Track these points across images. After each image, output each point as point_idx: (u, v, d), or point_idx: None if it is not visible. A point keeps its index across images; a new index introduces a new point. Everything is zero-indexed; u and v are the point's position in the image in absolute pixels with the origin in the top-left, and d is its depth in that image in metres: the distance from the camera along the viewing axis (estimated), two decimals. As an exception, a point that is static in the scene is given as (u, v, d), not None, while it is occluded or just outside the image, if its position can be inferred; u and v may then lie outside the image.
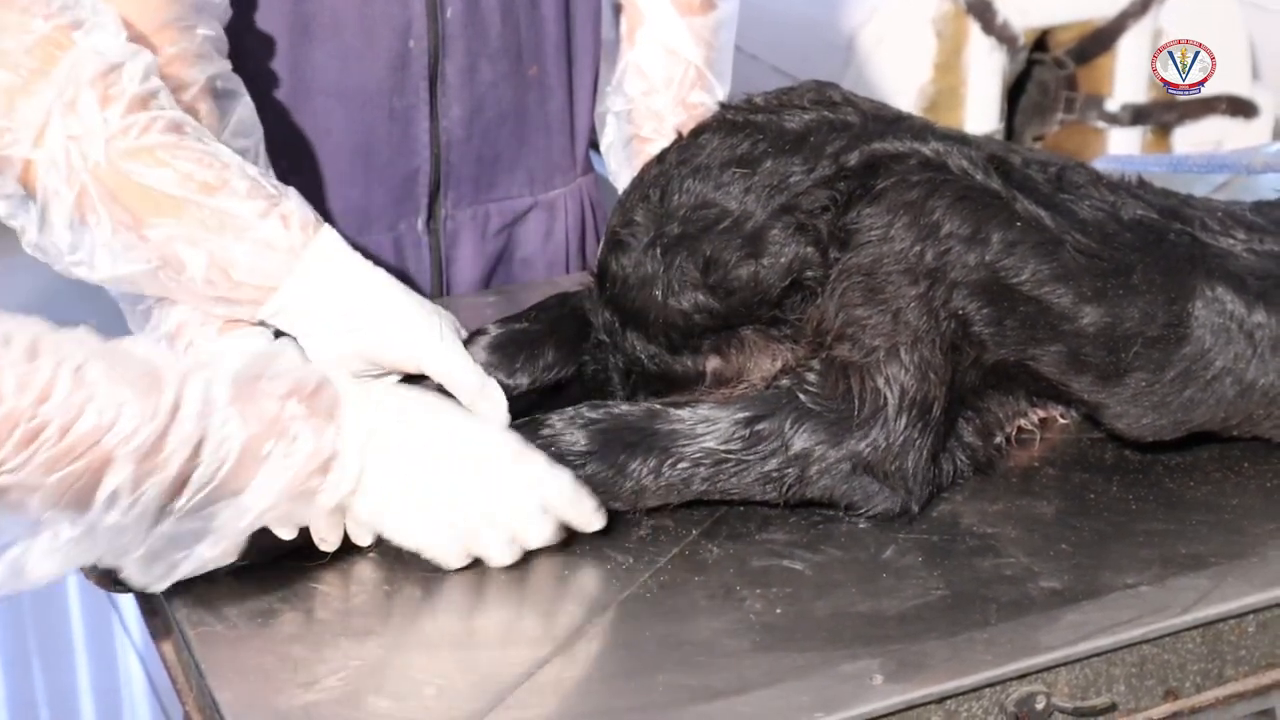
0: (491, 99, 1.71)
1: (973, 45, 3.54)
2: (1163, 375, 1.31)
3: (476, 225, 1.78)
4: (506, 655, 1.14)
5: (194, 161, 1.27)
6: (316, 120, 1.65)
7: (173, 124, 1.28)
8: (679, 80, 1.70)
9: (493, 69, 1.70)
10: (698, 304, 1.34)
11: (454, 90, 1.68)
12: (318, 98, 1.64)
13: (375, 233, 1.71)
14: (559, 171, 1.82)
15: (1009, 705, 1.14)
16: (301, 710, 1.09)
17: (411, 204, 1.73)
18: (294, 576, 1.22)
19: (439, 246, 1.76)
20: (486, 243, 1.79)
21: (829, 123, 1.35)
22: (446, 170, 1.72)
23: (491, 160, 1.75)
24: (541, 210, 1.82)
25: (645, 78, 1.71)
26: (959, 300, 1.28)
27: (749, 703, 1.09)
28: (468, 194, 1.75)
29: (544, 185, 1.81)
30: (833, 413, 1.28)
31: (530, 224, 1.81)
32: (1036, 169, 1.35)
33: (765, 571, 1.24)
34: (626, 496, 1.26)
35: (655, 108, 1.71)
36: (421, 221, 1.74)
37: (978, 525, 1.30)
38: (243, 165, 1.31)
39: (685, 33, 1.70)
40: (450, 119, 1.70)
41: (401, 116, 1.67)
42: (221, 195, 1.28)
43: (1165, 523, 1.30)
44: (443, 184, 1.73)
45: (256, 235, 1.29)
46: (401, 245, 1.74)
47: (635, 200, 1.38)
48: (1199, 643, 1.19)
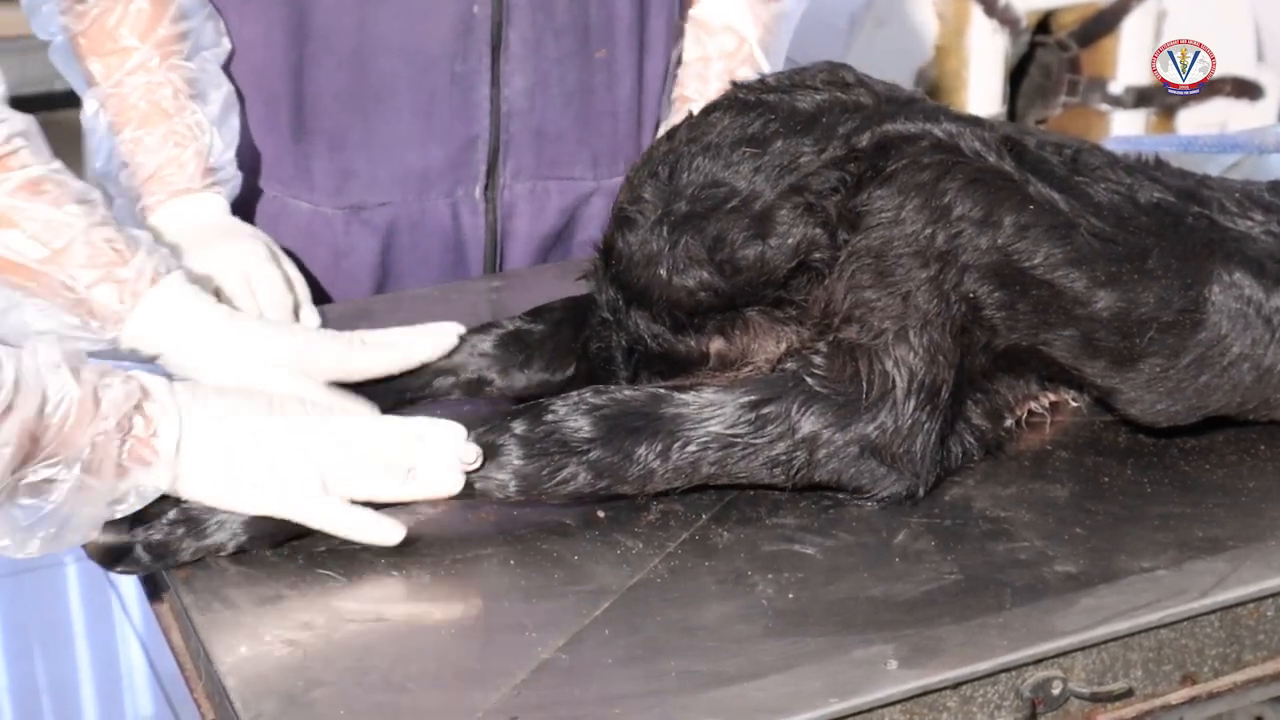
0: (556, 75, 1.72)
1: (975, 28, 3.54)
2: (1178, 361, 1.30)
3: (535, 200, 1.78)
4: (515, 641, 1.13)
5: (39, 225, 1.34)
6: (381, 79, 1.67)
7: (30, 183, 1.33)
8: (731, 53, 1.75)
9: (558, 45, 1.71)
10: (703, 282, 1.33)
11: (517, 60, 1.69)
12: (382, 57, 1.66)
13: (433, 196, 1.73)
14: (625, 158, 1.81)
15: (1024, 690, 1.13)
16: (310, 696, 1.08)
17: (470, 170, 1.73)
18: (301, 563, 1.21)
19: (495, 216, 1.76)
20: (545, 220, 1.79)
21: (841, 103, 1.34)
22: (506, 140, 1.73)
23: (554, 137, 1.75)
24: (604, 195, 1.81)
25: (701, 45, 1.76)
26: (970, 284, 1.27)
27: (762, 689, 1.08)
28: (528, 167, 1.76)
29: (609, 170, 1.81)
30: (840, 395, 1.27)
31: (593, 208, 1.81)
32: (1051, 151, 1.34)
33: (776, 556, 1.23)
34: (633, 481, 1.25)
35: (704, 72, 1.75)
36: (479, 189, 1.75)
37: (990, 509, 1.29)
38: (90, 228, 1.35)
39: (746, 12, 1.76)
40: (512, 89, 1.70)
41: (463, 81, 1.68)
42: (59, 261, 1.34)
43: (1181, 506, 1.29)
44: (502, 153, 1.73)
45: (86, 304, 1.35)
46: (458, 211, 1.75)
47: (644, 177, 1.37)
48: (1217, 627, 1.18)
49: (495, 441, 1.24)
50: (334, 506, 1.21)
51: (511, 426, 1.24)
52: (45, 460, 1.11)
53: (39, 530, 1.13)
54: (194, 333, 1.37)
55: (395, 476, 1.22)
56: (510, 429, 1.24)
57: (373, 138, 1.69)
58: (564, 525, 1.26)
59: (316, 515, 1.21)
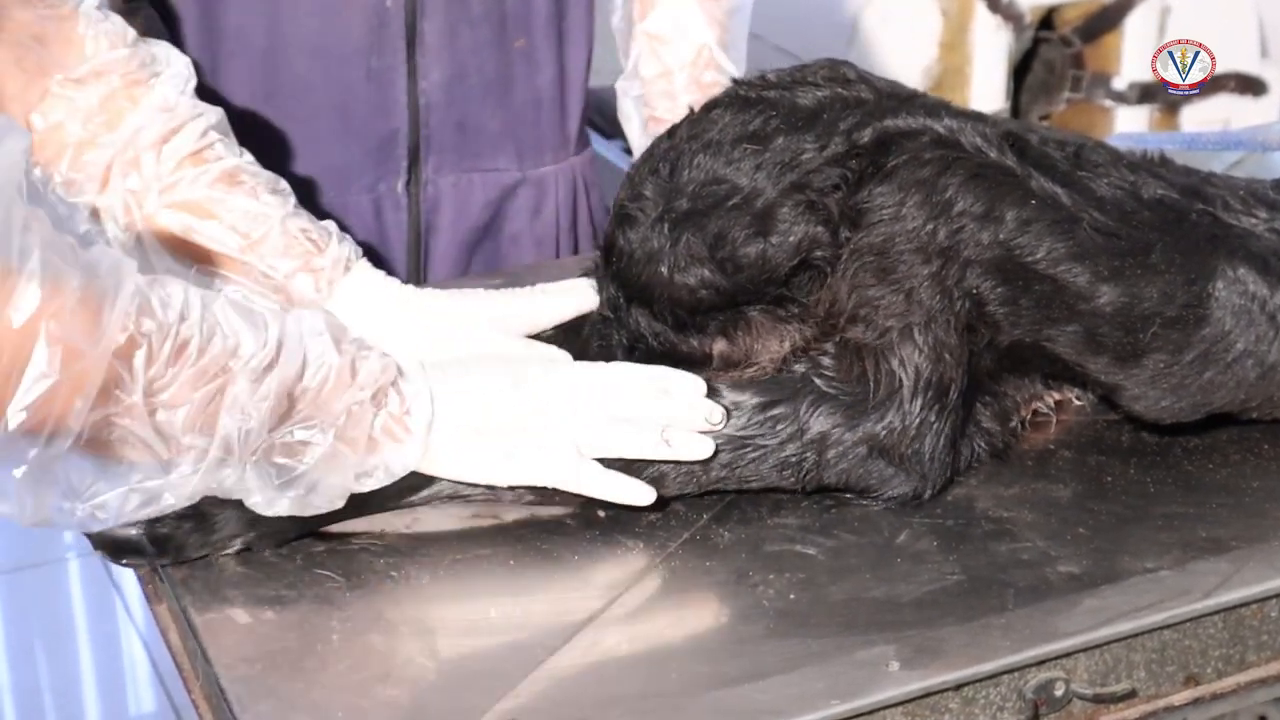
0: (473, 66, 1.71)
1: (978, 23, 3.53)
2: (1181, 357, 1.29)
3: (459, 194, 1.77)
4: (516, 643, 1.13)
5: (238, 216, 1.39)
6: (295, 78, 1.66)
7: (226, 174, 1.39)
8: (692, 61, 1.71)
9: (474, 36, 1.70)
10: (704, 280, 1.32)
11: (433, 53, 1.68)
12: (295, 55, 1.65)
13: (354, 192, 1.72)
14: (549, 148, 1.81)
15: (1027, 692, 1.12)
16: (309, 698, 1.07)
17: (391, 165, 1.72)
18: (300, 563, 1.21)
19: (418, 211, 1.75)
20: (470, 214, 1.78)
21: (842, 100, 1.34)
22: (426, 134, 1.72)
23: (475, 129, 1.74)
24: (530, 186, 1.80)
25: (659, 60, 1.72)
26: (973, 279, 1.27)
27: (764, 690, 1.08)
28: (450, 161, 1.75)
29: (534, 161, 1.80)
30: (848, 395, 1.26)
31: (519, 200, 1.80)
32: (1054, 147, 1.33)
33: (778, 556, 1.22)
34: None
35: (670, 88, 1.71)
36: (401, 184, 1.74)
37: (993, 509, 1.28)
38: (285, 218, 1.40)
39: (698, 14, 1.72)
40: (430, 82, 1.69)
41: (379, 76, 1.67)
42: (258, 251, 1.39)
43: (1184, 506, 1.28)
44: (423, 148, 1.72)
45: (284, 290, 1.40)
46: (381, 206, 1.74)
47: (644, 174, 1.37)
48: (1220, 628, 1.17)
49: None
50: (589, 470, 1.23)
51: None
52: (302, 422, 1.14)
53: (289, 491, 1.16)
54: (393, 310, 1.42)
55: (649, 437, 1.23)
56: None
57: (289, 136, 1.68)
58: (564, 525, 1.26)
59: (573, 480, 1.23)
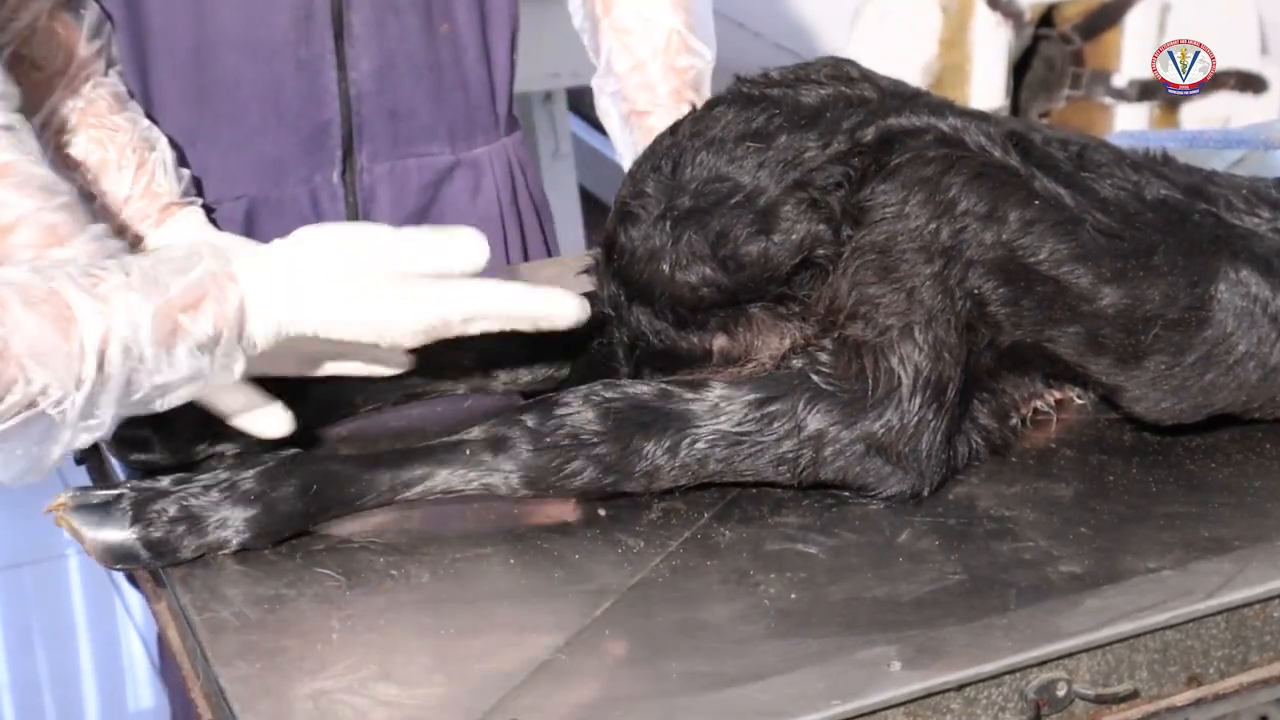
0: (402, 54, 1.71)
1: (978, 20, 3.52)
2: (1183, 359, 1.29)
3: (395, 181, 1.77)
4: (516, 642, 1.13)
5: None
6: (224, 72, 1.66)
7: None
8: (664, 49, 1.71)
9: (400, 24, 1.70)
10: (706, 278, 1.32)
11: (361, 43, 1.69)
12: (223, 50, 1.65)
13: (290, 185, 1.72)
14: (481, 130, 1.82)
15: (1029, 692, 1.12)
16: (308, 697, 1.07)
17: (325, 156, 1.73)
18: (299, 562, 1.20)
19: (355, 201, 1.76)
20: (407, 199, 1.79)
21: (845, 98, 1.33)
22: (359, 123, 1.72)
23: (407, 115, 1.75)
24: (466, 168, 1.81)
25: (630, 52, 1.72)
26: (975, 279, 1.26)
27: (765, 690, 1.07)
28: (384, 149, 1.75)
29: (466, 143, 1.81)
30: (846, 393, 1.26)
31: (456, 182, 1.81)
32: (1057, 147, 1.33)
33: (779, 555, 1.22)
34: (639, 478, 1.24)
35: (646, 79, 1.71)
36: (336, 174, 1.74)
37: (995, 508, 1.28)
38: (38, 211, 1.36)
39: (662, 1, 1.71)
40: (360, 72, 1.70)
41: (308, 68, 1.68)
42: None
43: (1187, 505, 1.28)
44: (356, 137, 1.73)
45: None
46: (317, 198, 1.74)
47: (646, 171, 1.36)
48: (1223, 628, 1.17)
49: (504, 434, 1.23)
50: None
51: (523, 419, 1.24)
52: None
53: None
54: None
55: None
56: (521, 421, 1.23)
57: (222, 132, 1.68)
58: (565, 524, 1.25)
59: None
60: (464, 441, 1.24)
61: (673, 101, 1.68)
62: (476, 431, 1.25)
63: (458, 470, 1.23)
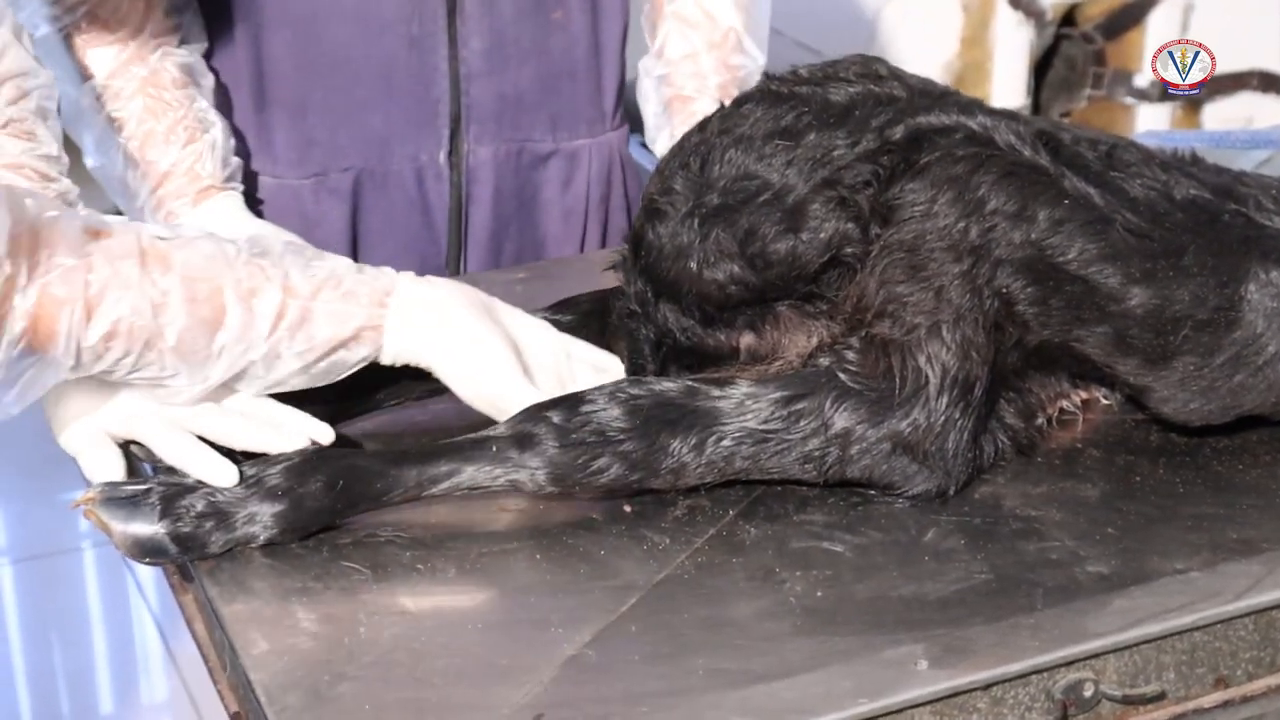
0: (512, 36, 1.72)
1: (1000, 20, 3.52)
2: (1212, 360, 1.29)
3: (498, 164, 1.77)
4: (542, 637, 1.12)
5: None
6: (336, 46, 1.67)
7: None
8: (720, 43, 1.73)
9: (513, 5, 1.71)
10: (733, 276, 1.32)
11: (473, 21, 1.69)
12: (336, 23, 1.66)
13: (396, 161, 1.73)
14: (584, 121, 1.81)
15: (1056, 692, 1.11)
16: (335, 690, 1.07)
17: (432, 134, 1.73)
18: (326, 555, 1.20)
19: (460, 181, 1.76)
20: (506, 185, 1.79)
21: (874, 96, 1.33)
22: (467, 104, 1.73)
23: (514, 99, 1.75)
24: (562, 158, 1.81)
25: (687, 41, 1.74)
26: (1003, 278, 1.26)
27: (791, 688, 1.07)
28: (490, 130, 1.75)
29: (568, 133, 1.80)
30: (873, 391, 1.25)
31: (550, 170, 1.81)
32: (1086, 146, 1.33)
33: (805, 553, 1.22)
34: (665, 475, 1.24)
35: (698, 69, 1.73)
36: (443, 154, 1.74)
37: (1021, 508, 1.27)
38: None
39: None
40: (470, 50, 1.70)
41: (420, 44, 1.68)
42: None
43: (1214, 507, 1.27)
44: (464, 117, 1.73)
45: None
46: (423, 176, 1.75)
47: (674, 168, 1.36)
48: (1251, 630, 1.17)
49: (531, 430, 1.23)
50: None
51: (549, 415, 1.23)
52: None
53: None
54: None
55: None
56: (547, 418, 1.23)
57: (332, 104, 1.69)
58: (591, 520, 1.25)
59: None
60: (490, 438, 1.24)
61: (720, 95, 1.69)
62: (503, 428, 1.25)
63: (484, 466, 1.23)
